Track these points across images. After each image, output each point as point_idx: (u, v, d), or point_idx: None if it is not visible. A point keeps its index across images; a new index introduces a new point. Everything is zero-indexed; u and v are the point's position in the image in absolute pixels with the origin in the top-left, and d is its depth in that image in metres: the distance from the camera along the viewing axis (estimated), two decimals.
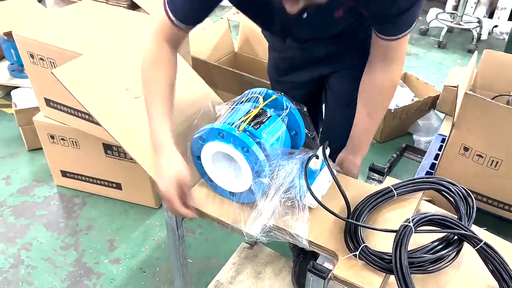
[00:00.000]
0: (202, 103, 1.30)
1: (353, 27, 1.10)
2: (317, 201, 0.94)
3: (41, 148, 2.01)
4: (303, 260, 1.52)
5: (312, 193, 0.94)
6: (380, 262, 0.86)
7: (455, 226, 0.88)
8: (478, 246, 0.86)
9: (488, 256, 0.86)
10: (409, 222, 0.86)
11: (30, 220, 1.95)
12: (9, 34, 2.37)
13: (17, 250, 1.81)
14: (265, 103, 1.02)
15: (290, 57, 1.30)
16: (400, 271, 0.81)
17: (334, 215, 0.95)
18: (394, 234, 0.87)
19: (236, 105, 1.04)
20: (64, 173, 2.06)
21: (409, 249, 0.86)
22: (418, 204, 1.04)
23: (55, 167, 2.06)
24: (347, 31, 1.10)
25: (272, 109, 1.04)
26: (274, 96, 1.05)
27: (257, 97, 1.04)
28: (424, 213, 0.90)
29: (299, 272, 1.51)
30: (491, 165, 1.66)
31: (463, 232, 0.87)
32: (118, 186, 2.00)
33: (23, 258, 1.77)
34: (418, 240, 0.91)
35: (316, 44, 1.21)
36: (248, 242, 1.62)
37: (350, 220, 0.94)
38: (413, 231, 0.86)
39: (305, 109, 1.07)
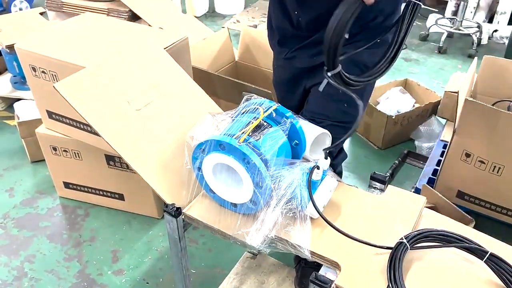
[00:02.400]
0: (203, 114, 1.31)
1: None
2: (319, 214, 0.95)
3: (44, 160, 2.02)
4: (305, 265, 1.53)
5: (315, 205, 0.94)
6: None
7: (456, 240, 0.88)
8: (486, 258, 0.86)
9: (498, 267, 0.86)
10: (403, 239, 0.86)
11: (34, 232, 1.95)
12: (11, 47, 2.39)
13: (21, 262, 1.81)
14: (265, 114, 1.03)
15: (282, 66, 1.43)
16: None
17: (335, 229, 0.95)
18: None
19: (236, 116, 1.05)
20: (67, 185, 2.07)
21: None
22: (419, 218, 1.03)
23: (58, 178, 2.07)
24: None
25: (272, 120, 1.05)
26: (274, 107, 1.05)
27: (257, 108, 1.04)
28: (420, 230, 0.90)
29: (301, 275, 1.52)
30: (493, 171, 1.66)
31: (467, 245, 0.87)
32: (121, 197, 2.01)
33: (27, 271, 1.77)
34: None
35: (300, 55, 1.32)
36: (251, 251, 1.62)
37: (348, 234, 0.94)
38: (409, 248, 0.86)
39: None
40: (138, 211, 2.03)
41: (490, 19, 4.20)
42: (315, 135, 1.06)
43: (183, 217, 1.08)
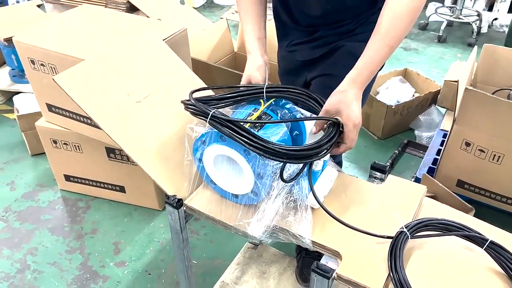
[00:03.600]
0: None
1: None
2: (319, 204, 0.95)
3: (44, 153, 2.02)
4: (306, 255, 1.54)
5: (315, 195, 0.94)
6: None
7: (456, 229, 0.89)
8: (486, 246, 0.87)
9: (498, 254, 0.86)
10: (403, 229, 0.87)
11: (35, 225, 1.96)
12: (9, 40, 2.38)
13: (23, 255, 1.82)
14: (266, 105, 1.03)
15: (285, 57, 1.43)
16: (398, 282, 0.82)
17: (335, 219, 0.96)
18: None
19: (237, 108, 1.05)
20: (68, 177, 2.07)
21: None
22: (419, 207, 1.04)
23: (59, 171, 2.07)
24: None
25: (273, 111, 1.05)
26: (274, 98, 1.05)
27: (258, 100, 1.04)
28: (420, 219, 0.91)
29: (302, 265, 1.53)
30: (493, 159, 1.66)
31: (467, 233, 0.87)
32: (122, 189, 2.01)
33: (29, 263, 1.79)
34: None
35: (300, 49, 1.33)
36: (252, 242, 1.63)
37: (348, 224, 0.94)
38: (409, 238, 0.87)
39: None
40: (139, 203, 2.04)
41: (490, 7, 4.19)
42: (312, 124, 1.06)
43: (184, 208, 1.08)
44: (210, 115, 0.93)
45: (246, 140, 0.88)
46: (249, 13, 1.22)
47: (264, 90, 1.03)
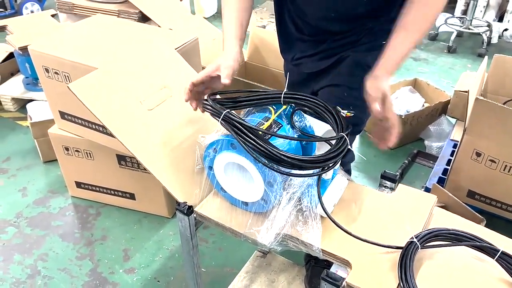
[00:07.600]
0: None
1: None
2: (327, 216, 0.95)
3: (56, 160, 2.05)
4: (315, 264, 1.54)
5: (323, 207, 0.94)
6: None
7: (467, 239, 0.88)
8: (497, 256, 0.86)
9: (510, 265, 0.86)
10: (413, 239, 0.87)
11: (46, 231, 1.98)
12: (24, 49, 2.43)
13: (34, 260, 1.84)
14: (276, 114, 1.04)
15: (291, 70, 1.43)
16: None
17: (343, 230, 0.96)
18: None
19: (247, 116, 1.06)
20: (79, 184, 2.09)
21: None
22: (429, 216, 1.04)
23: (70, 178, 2.09)
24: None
25: (283, 119, 1.06)
26: (284, 106, 1.06)
27: (268, 108, 1.05)
28: (431, 229, 0.90)
29: (311, 274, 1.53)
30: (504, 170, 1.65)
31: (478, 243, 0.87)
32: (132, 196, 2.03)
33: (40, 269, 1.80)
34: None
35: (305, 61, 1.34)
36: (261, 250, 1.63)
37: (356, 235, 0.94)
38: (419, 248, 0.87)
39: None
40: (149, 210, 2.05)
41: (500, 18, 4.17)
42: (322, 132, 1.06)
43: (194, 215, 1.09)
44: (222, 115, 0.96)
45: (253, 146, 0.90)
46: (233, 18, 1.20)
47: (282, 96, 1.04)
